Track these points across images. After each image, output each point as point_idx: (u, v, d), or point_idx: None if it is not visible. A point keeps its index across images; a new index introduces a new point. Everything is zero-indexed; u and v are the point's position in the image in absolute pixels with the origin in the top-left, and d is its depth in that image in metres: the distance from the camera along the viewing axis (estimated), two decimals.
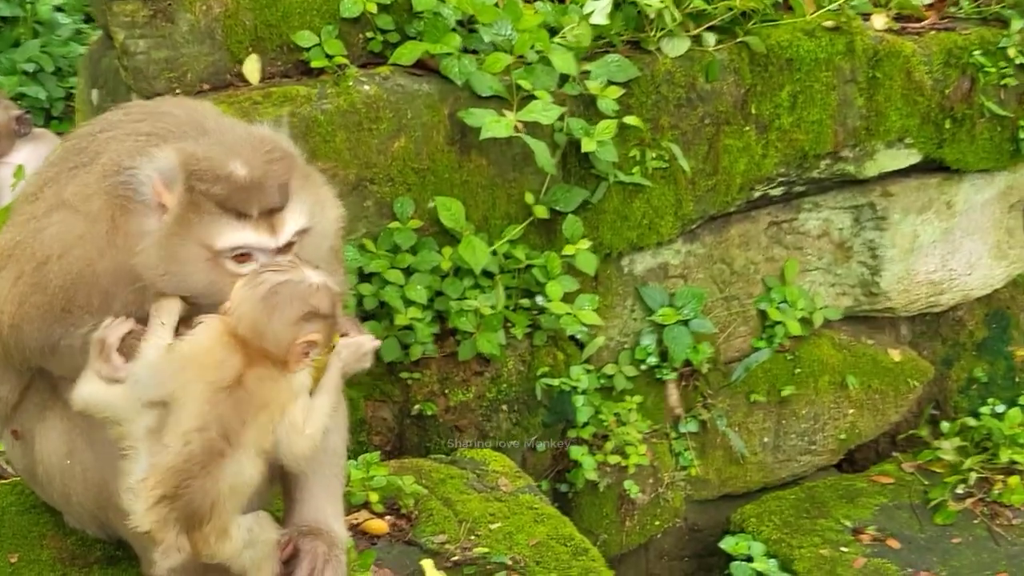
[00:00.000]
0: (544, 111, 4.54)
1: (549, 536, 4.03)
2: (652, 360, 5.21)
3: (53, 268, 3.10)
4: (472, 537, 3.96)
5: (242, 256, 2.97)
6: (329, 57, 4.58)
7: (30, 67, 7.25)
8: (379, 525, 4.00)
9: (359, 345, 3.21)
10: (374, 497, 4.09)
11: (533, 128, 4.62)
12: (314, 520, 3.44)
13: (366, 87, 4.57)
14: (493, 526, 4.02)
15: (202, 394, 2.88)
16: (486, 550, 3.89)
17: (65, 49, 7.60)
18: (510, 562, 3.83)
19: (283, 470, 3.33)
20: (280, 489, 3.54)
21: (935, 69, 5.55)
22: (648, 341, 5.23)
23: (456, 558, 3.85)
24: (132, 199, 3.07)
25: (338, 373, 3.12)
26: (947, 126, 5.65)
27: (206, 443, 2.86)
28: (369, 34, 4.72)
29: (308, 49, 4.60)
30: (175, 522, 2.90)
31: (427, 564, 3.76)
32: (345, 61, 4.60)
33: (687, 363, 5.34)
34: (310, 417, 3.01)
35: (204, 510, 2.90)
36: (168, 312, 3.09)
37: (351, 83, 4.57)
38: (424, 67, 4.73)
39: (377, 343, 3.29)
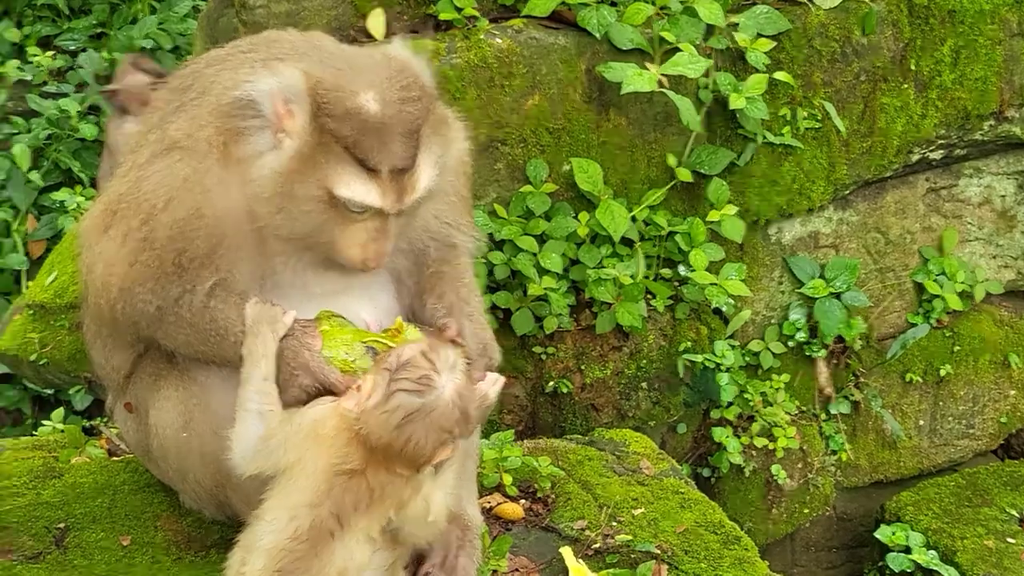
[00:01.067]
0: (690, 64, 4.40)
1: (697, 523, 3.85)
2: (801, 336, 5.02)
3: (160, 219, 3.01)
4: (614, 524, 3.78)
5: (356, 210, 2.93)
6: (458, 10, 4.46)
7: (147, 43, 7.23)
8: (514, 509, 3.85)
9: (483, 398, 3.05)
10: (508, 479, 3.92)
11: (677, 83, 4.48)
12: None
13: (498, 40, 4.46)
14: (636, 512, 3.84)
15: (321, 472, 2.84)
16: (629, 537, 3.70)
17: (182, 26, 7.58)
18: (657, 551, 3.63)
19: None
20: None
21: None
22: (797, 315, 5.06)
23: (597, 546, 3.67)
24: (247, 120, 2.98)
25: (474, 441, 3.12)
26: None
27: (316, 520, 2.82)
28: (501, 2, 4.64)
29: (435, 1, 4.49)
30: None
31: (567, 552, 3.57)
32: (475, 13, 4.48)
33: (838, 339, 5.16)
34: (433, 504, 2.95)
35: None
36: (268, 336, 3.05)
37: (482, 36, 4.44)
38: (560, 20, 4.59)
39: (501, 381, 3.15)
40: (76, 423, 4.46)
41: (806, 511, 5.12)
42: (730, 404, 4.89)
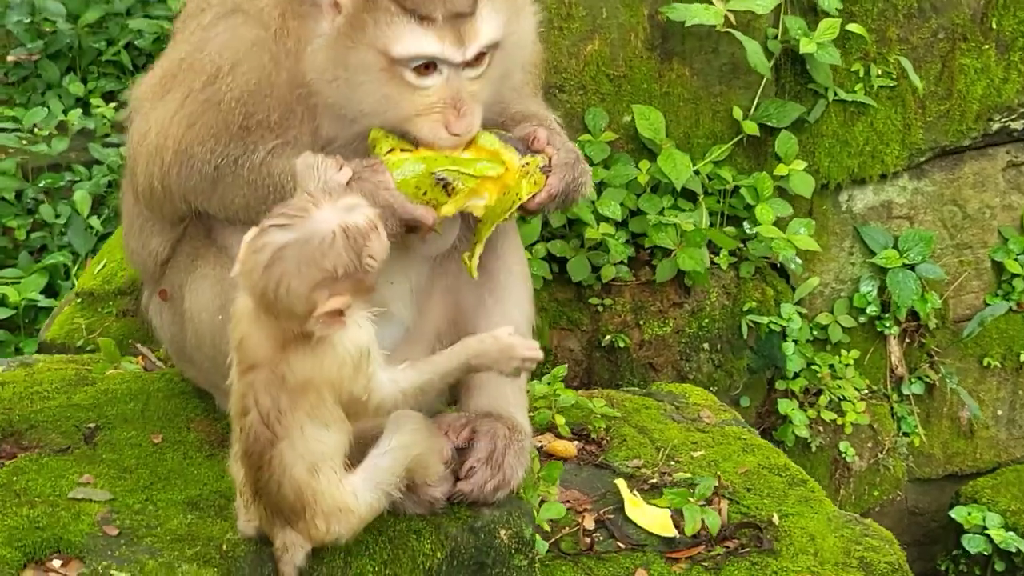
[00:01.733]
0: (759, 1, 4.25)
1: (760, 465, 3.76)
2: (872, 310, 4.88)
3: (227, 80, 2.95)
4: (672, 463, 3.68)
5: (424, 68, 2.79)
6: None
7: None
8: (566, 447, 3.77)
9: (509, 347, 2.88)
10: (560, 420, 3.79)
11: (746, 28, 4.40)
12: (494, 406, 3.26)
13: None
14: (696, 454, 3.74)
15: (235, 376, 2.77)
16: (688, 475, 3.61)
17: None
18: (716, 485, 3.53)
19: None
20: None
21: None
22: (868, 288, 4.91)
23: (653, 481, 3.57)
24: None
25: (456, 361, 2.89)
26: None
27: (252, 432, 2.74)
28: None
29: None
30: (275, 519, 2.84)
31: (621, 484, 3.50)
32: None
33: (912, 316, 5.03)
34: (375, 386, 2.80)
35: (290, 501, 2.80)
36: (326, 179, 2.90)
37: None
38: None
39: (536, 355, 2.89)
40: None
41: (876, 493, 4.96)
42: (796, 375, 4.74)
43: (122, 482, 3.20)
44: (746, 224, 4.61)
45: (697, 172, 4.53)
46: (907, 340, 5.12)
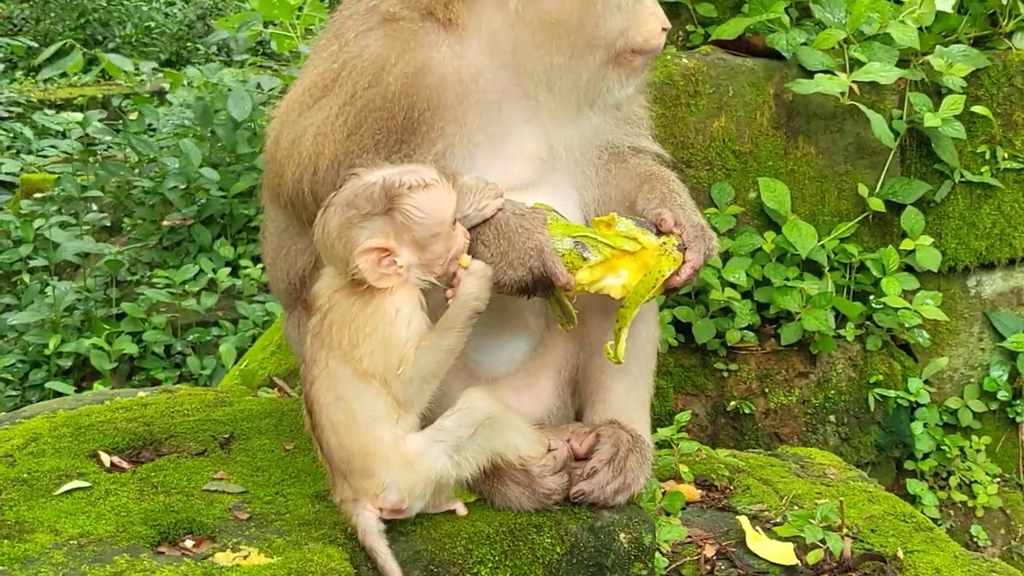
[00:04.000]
0: (882, 72, 4.20)
1: (886, 512, 3.61)
2: (1003, 395, 4.66)
3: (393, 72, 2.90)
4: (795, 508, 3.47)
5: None
6: None
7: None
8: (690, 491, 3.65)
9: (478, 272, 2.87)
10: (684, 468, 3.66)
11: (871, 104, 4.28)
12: (618, 417, 3.16)
13: (685, 61, 4.30)
14: (820, 501, 3.55)
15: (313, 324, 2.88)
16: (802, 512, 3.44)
17: None
18: (839, 523, 3.38)
19: (576, 378, 3.25)
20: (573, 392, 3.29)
21: None
22: (999, 372, 4.71)
23: (776, 521, 3.40)
24: None
25: (459, 310, 2.86)
26: None
27: (303, 375, 2.85)
28: (689, 27, 4.49)
29: None
30: (333, 472, 2.84)
31: (743, 519, 3.38)
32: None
33: None
34: (408, 357, 2.77)
35: (334, 448, 2.79)
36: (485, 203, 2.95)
37: (668, 57, 4.28)
38: (747, 49, 4.43)
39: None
40: None
41: None
42: (926, 456, 4.52)
43: (254, 479, 3.20)
44: (871, 299, 4.38)
45: (823, 247, 4.30)
46: None
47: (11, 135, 8.88)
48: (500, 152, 3.04)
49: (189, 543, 2.85)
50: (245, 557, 2.78)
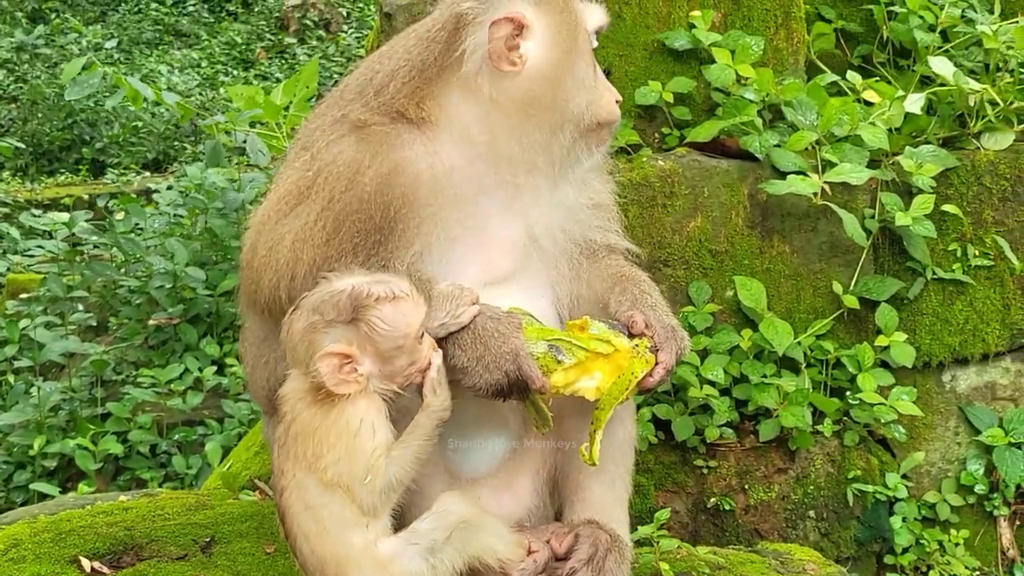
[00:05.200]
0: (854, 172, 4.14)
1: None
2: (980, 488, 4.52)
3: (369, 172, 2.87)
4: None
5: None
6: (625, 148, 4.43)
7: None
8: None
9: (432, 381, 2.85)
10: (665, 567, 3.50)
11: (842, 204, 4.23)
12: (596, 517, 3.13)
13: (661, 163, 4.24)
14: None
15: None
16: None
17: None
18: None
19: (555, 477, 3.22)
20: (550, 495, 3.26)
21: None
22: (976, 466, 4.58)
23: None
24: (464, 65, 2.95)
25: (428, 420, 2.83)
26: None
27: (273, 484, 2.87)
28: (665, 130, 4.43)
29: None
30: None
31: None
32: (639, 141, 4.37)
33: (1022, 496, 4.63)
34: (378, 466, 2.76)
35: (305, 556, 2.80)
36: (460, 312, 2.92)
37: (645, 159, 4.24)
38: (722, 151, 4.36)
39: (438, 359, 2.88)
40: None
41: None
42: (905, 551, 4.34)
43: None
44: (848, 394, 4.28)
45: (799, 343, 4.21)
46: (1018, 522, 4.67)
47: None
48: (479, 244, 3.03)
49: None
50: None
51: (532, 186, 3.12)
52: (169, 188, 8.12)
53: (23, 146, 10.17)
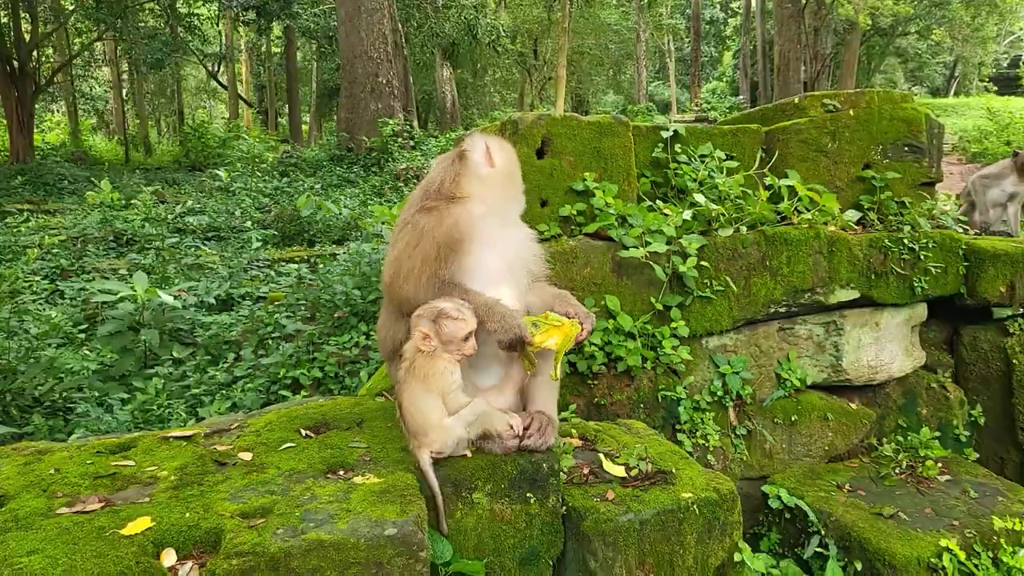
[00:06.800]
0: (659, 246, 5.28)
1: (667, 450, 4.32)
2: (719, 392, 5.65)
3: (430, 234, 3.42)
4: (624, 449, 4.21)
5: None
6: (553, 237, 5.29)
7: None
8: (575, 442, 4.35)
9: (501, 419, 3.43)
10: (572, 431, 4.50)
11: (655, 257, 5.30)
12: (541, 408, 3.72)
13: (571, 242, 5.25)
14: (636, 445, 4.23)
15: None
16: (628, 451, 4.13)
17: None
18: (645, 456, 4.07)
19: (522, 389, 3.73)
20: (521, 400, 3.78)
21: (865, 249, 6.18)
22: (718, 383, 5.67)
23: (617, 455, 4.16)
24: (469, 171, 3.51)
25: (477, 407, 3.37)
26: (873, 278, 6.21)
27: (396, 389, 3.37)
28: (573, 227, 5.43)
29: (543, 230, 5.27)
30: (408, 434, 3.37)
31: (602, 455, 4.14)
32: (559, 232, 5.37)
33: (739, 396, 5.77)
34: (449, 390, 3.33)
35: (409, 423, 3.31)
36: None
37: (563, 241, 5.25)
38: (599, 236, 5.44)
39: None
40: None
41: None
42: (685, 423, 5.45)
43: (373, 440, 3.77)
44: (658, 349, 5.20)
45: (635, 326, 5.21)
46: (738, 408, 5.80)
47: (264, 276, 10.12)
48: (490, 265, 3.50)
49: (341, 472, 3.38)
50: (366, 479, 3.27)
51: (505, 230, 3.60)
52: (344, 253, 9.25)
53: (277, 233, 12.86)
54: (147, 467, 3.43)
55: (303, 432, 3.85)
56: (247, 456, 3.56)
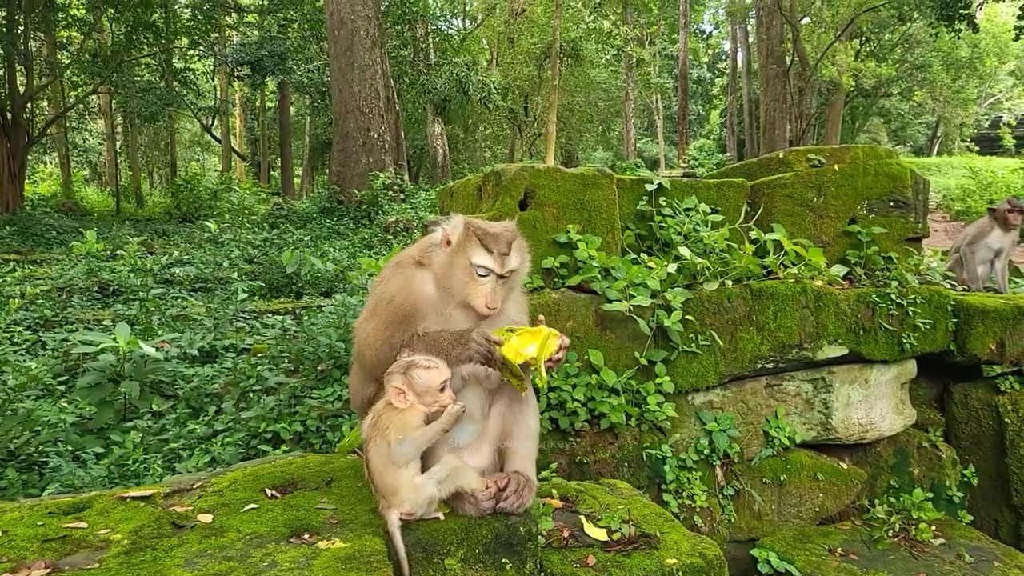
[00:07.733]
0: (644, 299, 5.22)
1: (652, 512, 4.20)
2: (706, 451, 5.51)
3: (395, 300, 3.45)
4: (607, 511, 4.13)
5: (483, 274, 3.35)
6: (537, 288, 5.26)
7: None
8: (556, 503, 4.24)
9: (448, 413, 3.23)
10: (553, 491, 4.35)
11: (639, 311, 5.24)
12: (519, 468, 3.62)
13: (554, 295, 5.24)
14: (619, 507, 4.15)
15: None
16: (611, 513, 4.04)
17: None
18: (628, 518, 4.00)
19: (500, 447, 3.65)
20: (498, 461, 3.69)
21: (852, 304, 6.14)
22: (704, 441, 5.54)
23: (599, 517, 4.07)
24: (432, 245, 3.51)
25: (435, 427, 3.24)
26: (861, 334, 6.16)
27: (365, 446, 3.26)
28: (556, 279, 5.43)
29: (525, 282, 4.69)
30: (377, 494, 3.29)
31: (582, 519, 4.02)
32: (541, 284, 5.37)
33: (726, 455, 5.66)
34: (416, 440, 3.22)
35: (377, 483, 3.23)
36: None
37: (546, 293, 5.21)
38: (582, 289, 5.40)
39: (460, 408, 3.24)
40: None
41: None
42: (671, 483, 5.22)
43: (342, 501, 3.69)
44: (643, 406, 5.11)
45: (619, 381, 5.12)
46: (725, 468, 5.62)
47: (249, 328, 10.08)
48: (455, 298, 3.51)
49: (306, 536, 3.30)
50: (331, 543, 3.20)
51: (453, 307, 3.59)
52: (331, 305, 9.36)
53: (264, 284, 12.79)
54: (100, 530, 3.33)
55: (268, 492, 3.74)
56: (207, 518, 3.44)
